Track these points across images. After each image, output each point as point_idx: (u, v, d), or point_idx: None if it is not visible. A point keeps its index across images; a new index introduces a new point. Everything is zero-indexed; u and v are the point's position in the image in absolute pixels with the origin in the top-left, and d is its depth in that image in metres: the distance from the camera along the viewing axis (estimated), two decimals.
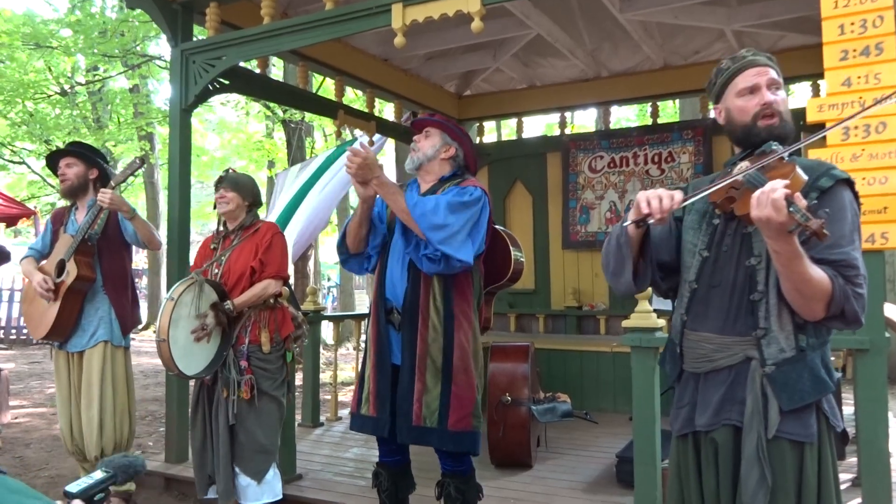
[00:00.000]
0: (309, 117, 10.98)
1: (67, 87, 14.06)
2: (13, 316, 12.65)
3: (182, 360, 3.01)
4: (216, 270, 3.26)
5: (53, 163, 3.82)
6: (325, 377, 7.34)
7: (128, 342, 3.77)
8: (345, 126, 5.86)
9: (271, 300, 3.26)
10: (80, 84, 14.14)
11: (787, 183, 1.46)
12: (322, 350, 7.96)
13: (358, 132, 6.90)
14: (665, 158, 5.92)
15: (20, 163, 15.50)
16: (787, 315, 1.65)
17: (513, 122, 7.75)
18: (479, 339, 2.87)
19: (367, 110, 5.96)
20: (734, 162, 1.80)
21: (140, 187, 16.91)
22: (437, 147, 2.86)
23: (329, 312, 7.48)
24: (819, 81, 4.94)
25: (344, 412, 5.32)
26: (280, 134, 12.76)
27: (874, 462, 2.72)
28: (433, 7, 3.58)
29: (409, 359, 2.73)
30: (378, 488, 2.93)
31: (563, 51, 5.32)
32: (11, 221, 9.32)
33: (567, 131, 6.56)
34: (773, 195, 1.43)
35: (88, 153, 3.83)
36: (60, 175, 3.74)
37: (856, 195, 1.71)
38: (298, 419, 5.01)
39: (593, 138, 6.34)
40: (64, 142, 9.82)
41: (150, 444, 5.42)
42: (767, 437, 1.62)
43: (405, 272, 2.77)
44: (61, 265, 3.55)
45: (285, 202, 6.14)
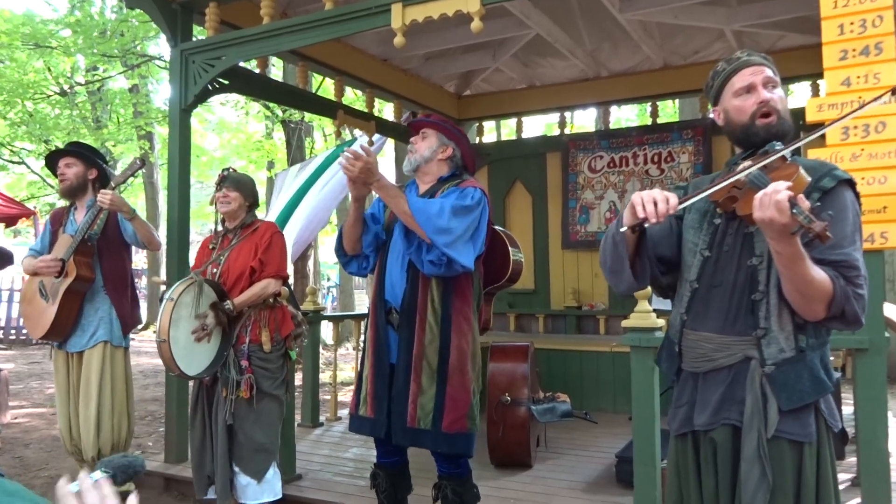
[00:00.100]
0: (308, 117, 10.97)
1: (67, 88, 14.05)
2: (13, 316, 12.64)
3: (183, 361, 3.01)
4: (215, 270, 3.26)
5: (53, 163, 3.82)
6: (325, 377, 7.34)
7: (127, 342, 3.77)
8: (344, 126, 5.86)
9: (271, 299, 3.26)
10: (80, 84, 14.13)
11: (791, 184, 1.46)
12: (322, 350, 7.97)
13: (357, 132, 6.91)
14: (665, 158, 5.92)
15: (20, 163, 15.49)
16: (788, 315, 1.65)
17: (512, 122, 7.75)
18: (478, 341, 2.85)
19: (367, 110, 5.96)
20: (735, 161, 1.80)
21: (139, 187, 16.90)
22: (434, 148, 2.85)
23: (329, 312, 7.49)
24: (819, 81, 4.95)
25: (343, 412, 5.32)
26: (280, 134, 12.75)
27: (873, 462, 2.73)
28: (433, 7, 3.58)
29: (406, 359, 2.73)
30: (376, 489, 2.93)
31: (563, 51, 5.32)
32: (11, 221, 9.32)
33: (567, 131, 6.56)
34: (777, 197, 1.42)
35: (88, 153, 3.83)
36: (59, 175, 3.74)
37: (857, 195, 1.71)
38: (298, 419, 5.01)
39: (593, 138, 6.34)
40: (63, 142, 9.81)
41: (150, 445, 5.42)
42: (767, 437, 1.62)
43: (404, 273, 2.77)
44: (61, 265, 3.54)
45: (284, 202, 6.14)
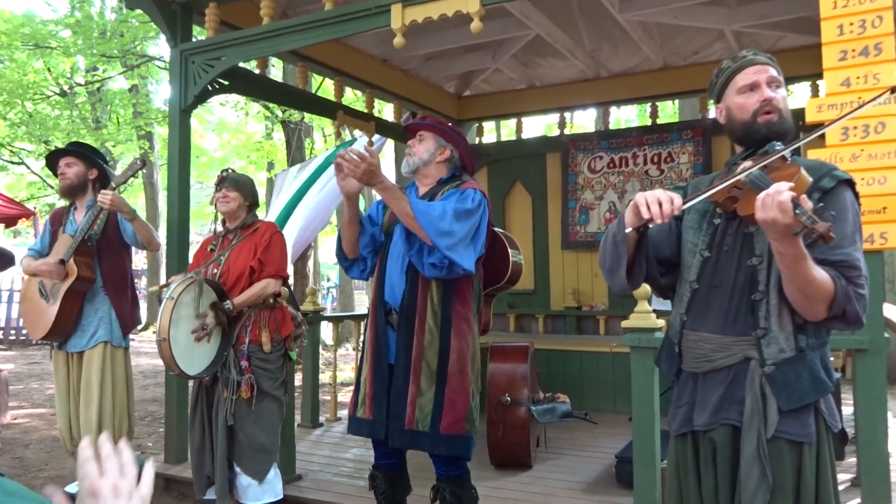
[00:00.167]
0: (308, 118, 10.98)
1: (67, 88, 14.05)
2: (13, 316, 12.64)
3: (183, 360, 3.01)
4: (215, 270, 3.26)
5: (53, 162, 3.81)
6: (325, 378, 7.33)
7: (127, 342, 3.76)
8: (344, 126, 5.86)
9: (271, 300, 3.26)
10: (80, 85, 14.13)
11: (793, 185, 1.46)
12: (321, 350, 7.97)
13: (357, 133, 6.91)
14: (664, 159, 5.92)
15: (19, 163, 15.50)
16: (788, 315, 1.65)
17: (512, 123, 7.76)
18: (478, 343, 2.84)
19: (367, 111, 5.96)
20: (735, 162, 1.80)
21: (139, 188, 16.90)
22: (432, 151, 2.85)
23: (328, 313, 7.48)
24: (818, 82, 4.95)
25: (343, 412, 5.32)
26: (279, 134, 12.76)
27: (873, 462, 2.72)
28: (432, 7, 3.59)
29: (404, 361, 2.72)
30: (375, 491, 2.92)
31: (563, 51, 5.32)
32: (11, 222, 9.31)
33: (566, 132, 6.56)
34: (779, 197, 1.43)
35: (89, 153, 3.83)
36: (60, 174, 3.73)
37: (856, 195, 1.71)
38: (298, 420, 5.01)
39: (593, 139, 6.34)
40: (63, 142, 9.82)
41: (150, 445, 5.42)
42: (767, 437, 1.62)
43: (404, 275, 2.76)
44: (62, 263, 3.54)
45: (284, 202, 6.15)
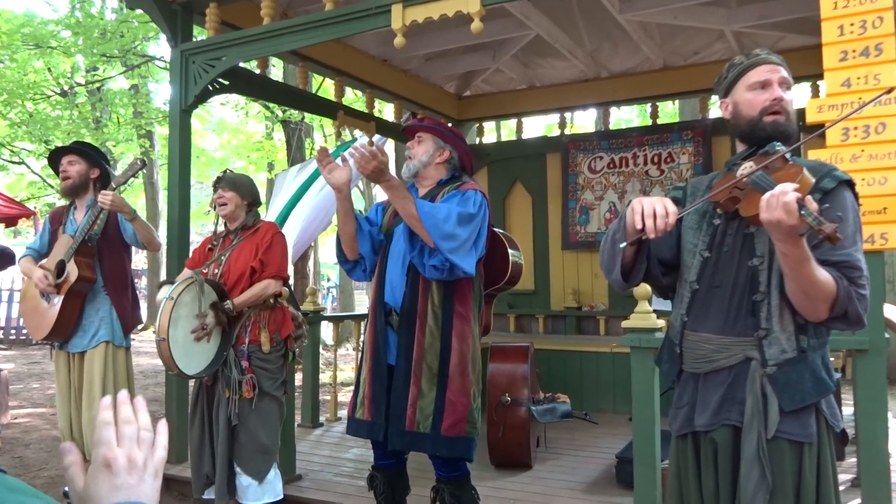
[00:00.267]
0: (309, 118, 10.98)
1: (67, 88, 14.05)
2: (13, 316, 12.64)
3: (182, 360, 3.01)
4: (216, 270, 3.26)
5: (55, 160, 3.80)
6: (325, 378, 7.33)
7: (129, 342, 3.76)
8: (345, 126, 5.86)
9: (271, 300, 3.26)
10: (80, 84, 14.13)
11: (797, 186, 1.46)
12: (322, 350, 7.97)
13: (358, 132, 6.91)
14: (665, 159, 5.92)
15: (20, 163, 15.50)
16: (789, 315, 1.65)
17: (512, 123, 7.76)
18: (479, 344, 2.84)
19: (367, 111, 5.97)
20: (736, 162, 1.80)
21: (140, 188, 16.90)
22: (431, 152, 2.85)
23: (329, 313, 7.48)
24: (819, 82, 4.95)
25: (343, 412, 5.31)
26: (280, 134, 12.75)
27: (874, 462, 2.72)
28: (433, 8, 3.59)
29: (405, 363, 2.71)
30: (374, 491, 2.92)
31: (563, 51, 5.32)
32: (11, 222, 9.32)
33: (567, 132, 6.56)
34: (784, 198, 1.43)
35: (91, 152, 3.83)
36: (62, 172, 3.72)
37: (856, 196, 1.71)
38: (298, 420, 5.01)
39: (593, 139, 6.34)
40: (63, 142, 9.82)
41: None
42: (767, 438, 1.63)
43: (404, 275, 2.76)
44: (61, 265, 3.54)
45: (284, 202, 6.15)
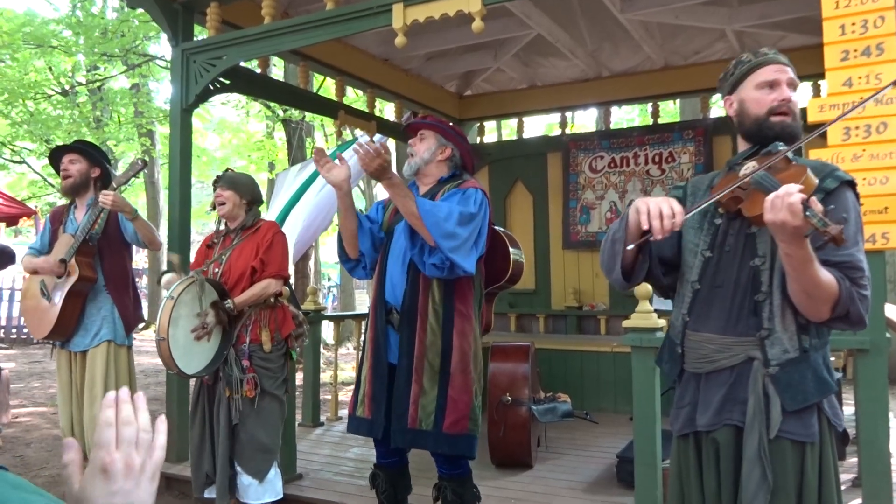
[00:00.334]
0: (309, 117, 10.98)
1: (68, 87, 14.05)
2: (13, 315, 12.64)
3: (182, 359, 3.01)
4: (217, 269, 3.26)
5: (56, 159, 3.80)
6: (326, 377, 7.34)
7: (130, 341, 3.77)
8: (345, 126, 5.86)
9: (272, 299, 3.26)
10: (81, 84, 14.13)
11: (802, 187, 1.46)
12: (322, 350, 7.96)
13: (358, 132, 6.90)
14: (665, 158, 5.92)
15: (20, 162, 15.50)
16: (791, 316, 1.65)
17: (513, 122, 7.75)
18: (479, 342, 2.84)
19: (368, 110, 5.96)
20: (738, 161, 1.79)
21: (140, 187, 16.90)
22: (433, 150, 2.85)
23: (329, 312, 7.49)
24: (820, 82, 4.94)
25: (344, 412, 5.30)
26: (280, 134, 12.75)
27: (875, 462, 2.72)
28: (434, 7, 3.58)
29: (407, 361, 2.72)
30: (376, 490, 2.93)
31: (564, 51, 5.32)
32: (12, 221, 9.34)
33: (567, 131, 6.56)
34: (790, 199, 1.42)
35: (93, 151, 3.83)
36: (63, 171, 3.72)
37: (857, 196, 1.71)
38: (299, 419, 5.01)
39: (594, 138, 6.33)
40: (64, 141, 9.81)
41: None
42: (769, 437, 1.62)
43: (405, 274, 2.76)
44: (63, 263, 3.54)
45: (284, 201, 6.14)
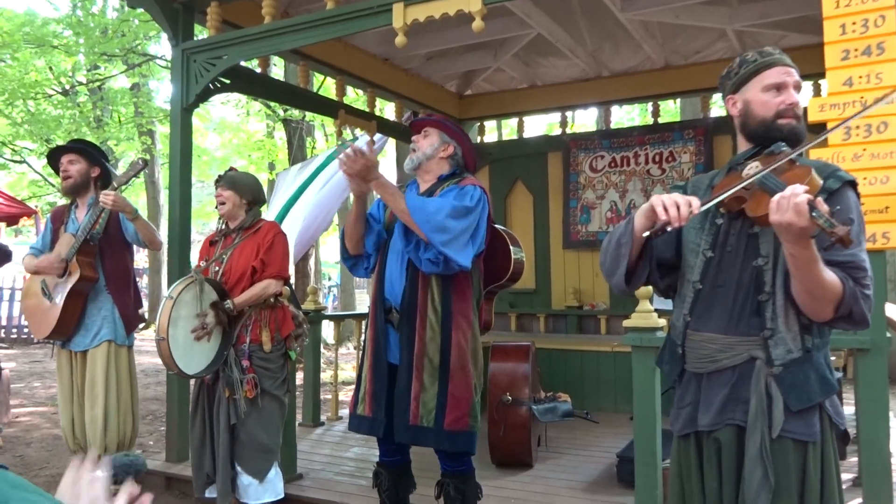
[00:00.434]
0: (310, 116, 10.98)
1: (68, 87, 14.05)
2: (14, 315, 12.65)
3: (182, 359, 3.01)
4: (217, 269, 3.26)
5: (55, 159, 3.81)
6: (326, 377, 7.34)
7: (131, 341, 3.77)
8: (346, 125, 5.85)
9: (272, 299, 3.26)
10: (81, 83, 14.14)
11: (808, 188, 1.45)
12: (323, 349, 7.96)
13: (359, 132, 6.91)
14: (666, 158, 5.92)
15: (21, 162, 15.50)
16: (794, 315, 1.65)
17: (514, 122, 7.75)
18: (479, 339, 2.86)
19: (368, 110, 5.96)
20: (740, 161, 1.79)
21: (141, 186, 16.90)
22: (436, 146, 2.87)
23: (330, 312, 7.48)
24: (820, 81, 4.94)
25: (344, 412, 5.31)
26: (280, 133, 12.75)
27: (875, 462, 2.73)
28: (434, 6, 3.58)
29: (407, 358, 2.74)
30: (378, 488, 2.94)
31: (564, 50, 5.32)
32: (12, 220, 9.35)
33: (568, 131, 6.56)
34: (796, 200, 1.42)
35: (91, 150, 3.83)
36: (63, 171, 3.72)
37: (858, 196, 1.71)
38: (299, 419, 5.01)
39: (594, 138, 6.34)
40: (65, 141, 9.81)
41: (151, 444, 5.42)
42: (771, 437, 1.62)
43: (404, 272, 2.78)
44: (64, 262, 3.55)
45: (284, 201, 6.15)
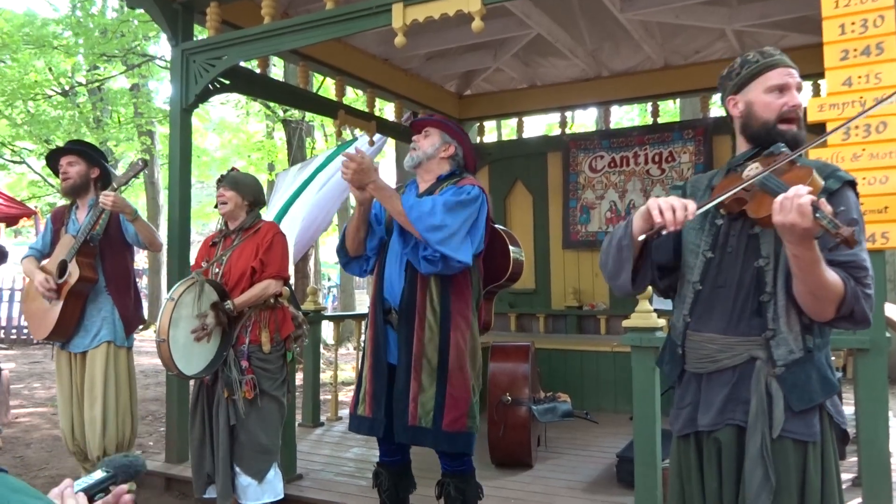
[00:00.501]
0: (309, 117, 10.98)
1: (68, 88, 14.05)
2: (13, 316, 12.65)
3: (182, 361, 3.01)
4: (217, 270, 3.25)
5: (54, 161, 3.81)
6: (326, 377, 7.34)
7: (131, 342, 3.77)
8: (345, 126, 5.85)
9: (272, 300, 3.26)
10: (81, 84, 14.13)
11: (811, 189, 1.45)
12: (322, 350, 7.97)
13: (358, 132, 6.91)
14: (665, 158, 5.92)
15: (20, 162, 15.50)
16: (795, 316, 1.65)
17: (513, 122, 7.75)
18: (478, 340, 2.86)
19: (368, 110, 5.96)
20: (740, 162, 1.79)
21: (140, 187, 16.89)
22: (437, 146, 2.87)
23: (329, 312, 7.48)
24: (820, 81, 4.94)
25: (344, 412, 5.31)
26: (280, 134, 12.75)
27: (874, 462, 2.73)
28: (434, 7, 3.58)
29: (406, 358, 2.74)
30: (378, 488, 2.94)
31: (564, 50, 5.32)
32: (12, 221, 9.34)
33: (567, 131, 6.56)
34: (799, 201, 1.41)
35: (90, 151, 3.83)
36: (62, 173, 3.73)
37: (857, 195, 1.71)
38: (299, 419, 5.01)
39: (594, 138, 6.34)
40: (64, 141, 9.81)
41: (151, 444, 5.42)
42: (772, 437, 1.62)
43: (403, 272, 2.78)
44: (63, 266, 3.54)
45: (283, 201, 6.14)
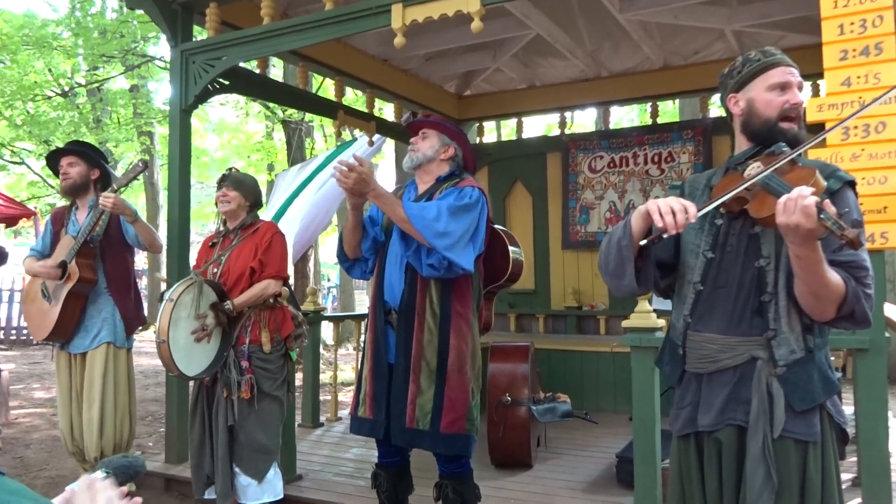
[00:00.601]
0: (309, 117, 10.97)
1: (67, 88, 14.04)
2: (13, 316, 12.64)
3: (182, 361, 3.01)
4: (216, 270, 3.26)
5: (54, 162, 3.81)
6: (325, 377, 7.33)
7: (130, 343, 3.77)
8: (345, 126, 5.86)
9: (271, 300, 3.26)
10: (80, 85, 14.13)
11: (814, 189, 1.44)
12: (322, 350, 7.97)
13: (358, 132, 6.91)
14: (665, 158, 5.92)
15: (20, 163, 15.49)
16: (796, 316, 1.65)
17: (513, 123, 7.75)
18: (478, 342, 2.85)
19: (367, 110, 5.96)
20: (740, 161, 1.79)
21: (140, 188, 16.88)
22: (437, 148, 2.87)
23: (329, 313, 7.48)
24: (819, 81, 4.95)
25: (344, 412, 5.33)
26: (280, 134, 12.75)
27: (874, 462, 2.73)
28: (433, 7, 3.58)
29: (404, 360, 2.74)
30: (377, 489, 2.94)
31: (563, 51, 5.32)
32: (11, 222, 9.33)
33: (567, 131, 6.56)
34: (804, 202, 1.41)
35: (90, 152, 3.83)
36: (62, 174, 3.73)
37: (856, 195, 1.71)
38: (298, 419, 5.01)
39: (593, 138, 6.34)
40: (64, 142, 9.81)
41: (150, 445, 5.42)
42: (773, 437, 1.62)
43: (402, 274, 2.78)
44: (63, 267, 3.55)
45: (282, 201, 6.15)
